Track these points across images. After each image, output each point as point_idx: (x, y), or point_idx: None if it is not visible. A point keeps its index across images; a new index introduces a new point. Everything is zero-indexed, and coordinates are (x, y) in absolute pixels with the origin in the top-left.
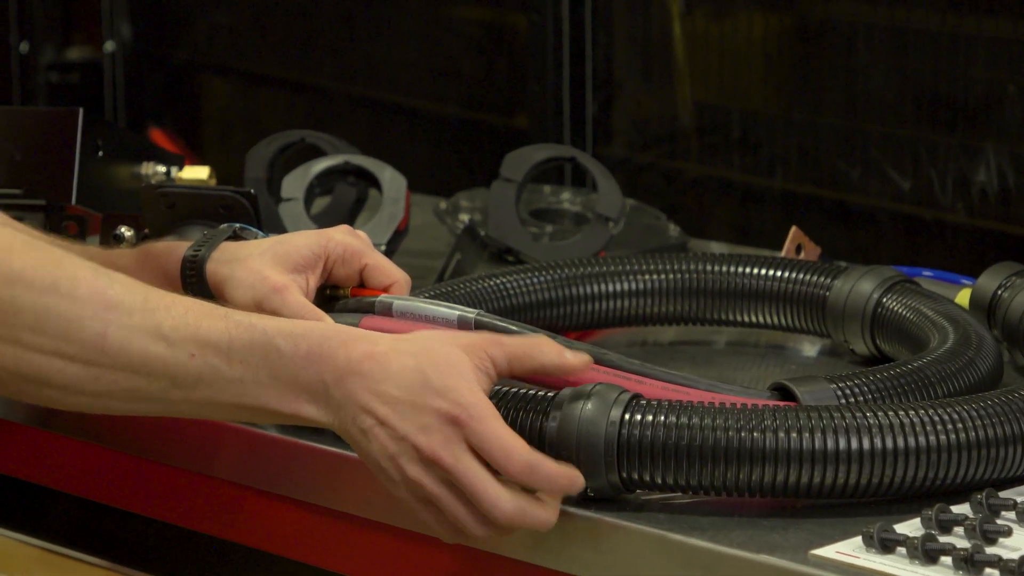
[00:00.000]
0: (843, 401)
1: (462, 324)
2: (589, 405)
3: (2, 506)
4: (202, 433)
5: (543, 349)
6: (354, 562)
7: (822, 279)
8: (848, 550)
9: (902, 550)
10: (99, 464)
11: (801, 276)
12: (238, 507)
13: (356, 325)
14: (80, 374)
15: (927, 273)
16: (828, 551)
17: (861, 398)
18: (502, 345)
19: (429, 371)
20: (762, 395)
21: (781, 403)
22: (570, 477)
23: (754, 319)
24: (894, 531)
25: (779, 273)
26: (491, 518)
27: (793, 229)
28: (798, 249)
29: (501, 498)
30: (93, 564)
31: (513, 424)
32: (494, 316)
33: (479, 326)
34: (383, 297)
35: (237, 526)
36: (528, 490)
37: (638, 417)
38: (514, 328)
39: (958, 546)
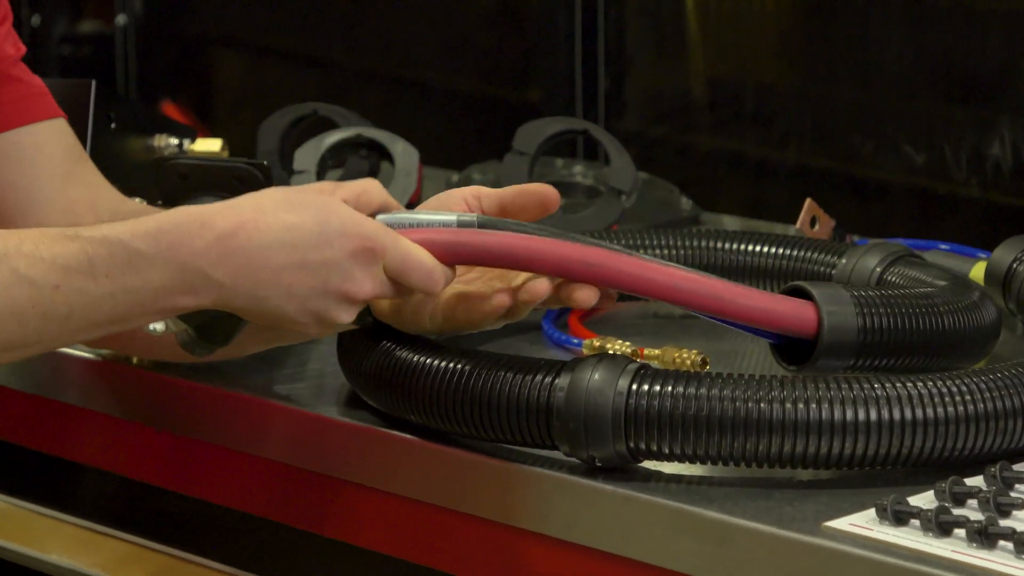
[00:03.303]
0: (859, 310)
1: (463, 226)
2: (596, 375)
3: (39, 484)
4: (250, 414)
5: (372, 191)
6: (379, 535)
7: (828, 256)
8: (862, 522)
9: (916, 522)
10: (141, 443)
11: (807, 254)
12: (289, 488)
13: None
14: None
15: (943, 247)
16: (841, 523)
17: (874, 310)
18: (341, 188)
19: (319, 218)
20: (777, 295)
21: (797, 299)
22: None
23: None
24: (907, 503)
25: (786, 251)
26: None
27: (808, 202)
28: (812, 221)
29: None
30: (128, 541)
31: (520, 393)
32: (496, 219)
33: (483, 227)
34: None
35: (288, 508)
36: None
37: (645, 387)
38: (513, 225)
39: (972, 518)
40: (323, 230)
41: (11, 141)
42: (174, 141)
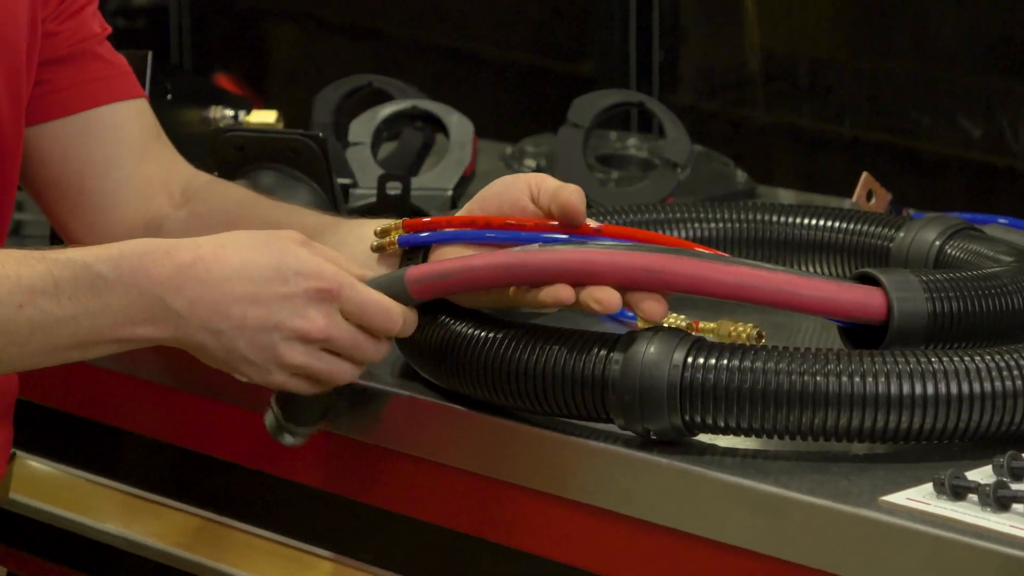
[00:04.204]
0: (928, 295)
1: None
2: (652, 347)
3: (89, 451)
4: None
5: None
6: (432, 507)
7: (885, 230)
8: (919, 497)
9: (973, 497)
10: (192, 412)
11: (864, 227)
12: (343, 459)
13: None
14: None
15: (1002, 220)
16: (898, 498)
17: (944, 295)
18: (310, 245)
19: (277, 258)
20: (843, 281)
21: (864, 287)
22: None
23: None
24: (965, 478)
25: (843, 225)
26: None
27: (864, 175)
28: (869, 195)
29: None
30: (182, 510)
31: (576, 366)
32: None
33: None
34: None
35: (341, 479)
36: None
37: (701, 360)
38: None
39: None
40: (279, 266)
41: (93, 119)
42: (229, 113)
